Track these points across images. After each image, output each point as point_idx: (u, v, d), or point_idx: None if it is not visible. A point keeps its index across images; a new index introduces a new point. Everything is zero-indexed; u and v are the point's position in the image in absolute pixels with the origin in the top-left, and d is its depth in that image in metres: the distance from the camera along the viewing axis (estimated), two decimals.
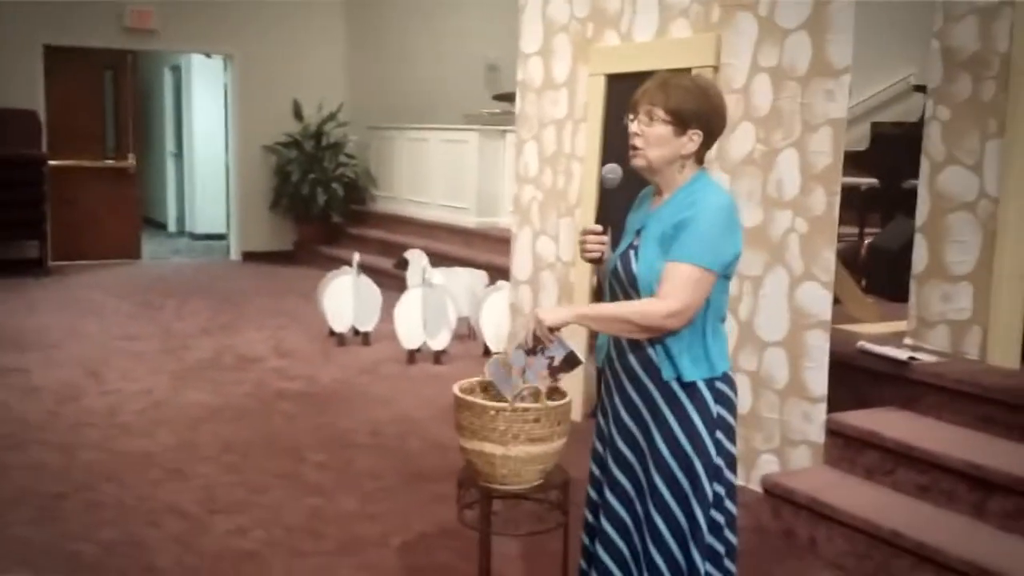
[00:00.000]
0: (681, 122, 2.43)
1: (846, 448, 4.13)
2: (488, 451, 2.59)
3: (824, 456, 4.20)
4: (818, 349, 4.22)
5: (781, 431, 4.39)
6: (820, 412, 4.22)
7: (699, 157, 2.50)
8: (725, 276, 2.47)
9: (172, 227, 13.60)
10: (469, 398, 2.65)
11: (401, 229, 10.27)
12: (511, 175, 7.22)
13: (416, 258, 7.54)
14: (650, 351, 2.44)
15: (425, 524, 3.98)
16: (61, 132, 10.28)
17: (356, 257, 7.21)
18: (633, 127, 2.48)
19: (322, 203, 10.83)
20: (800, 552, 3.91)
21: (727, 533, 2.54)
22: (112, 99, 10.88)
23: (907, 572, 3.50)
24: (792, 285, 4.32)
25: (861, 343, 4.55)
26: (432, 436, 5.20)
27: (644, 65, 5.03)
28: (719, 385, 2.48)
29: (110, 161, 10.80)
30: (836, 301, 5.37)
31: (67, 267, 10.18)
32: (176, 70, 13.26)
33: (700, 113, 2.43)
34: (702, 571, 2.47)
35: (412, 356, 6.75)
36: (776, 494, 4.05)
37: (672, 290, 2.36)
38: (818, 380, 4.22)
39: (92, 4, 10.17)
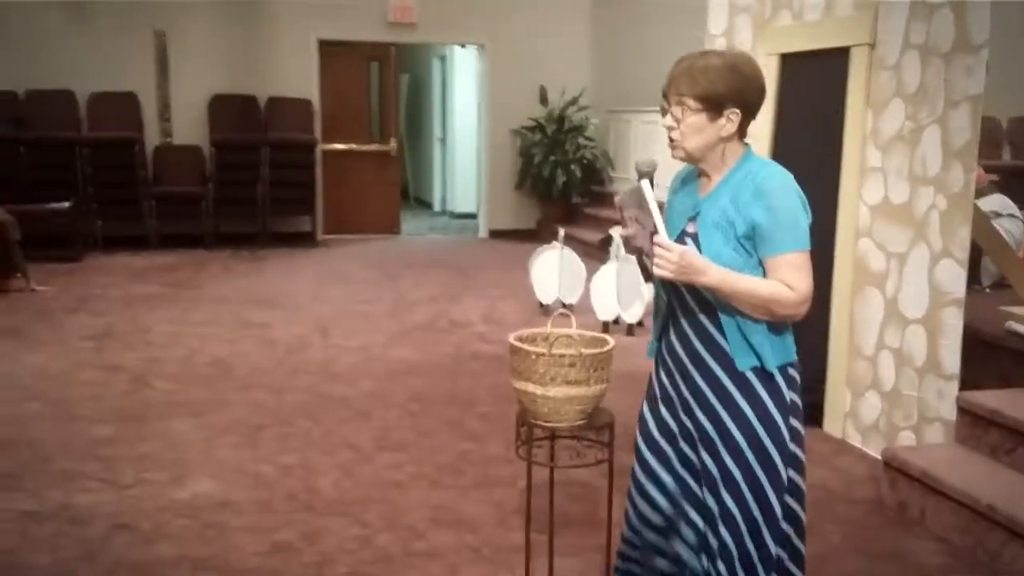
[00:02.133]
0: (715, 106, 2.36)
1: (974, 426, 4.10)
2: (530, 391, 2.95)
3: (955, 434, 4.20)
4: (952, 327, 4.22)
5: (919, 408, 4.41)
6: (952, 390, 4.22)
7: (742, 134, 2.44)
8: None
9: (437, 207, 14.64)
10: (516, 343, 3.00)
11: None
12: None
13: (618, 235, 7.87)
14: (722, 342, 2.44)
15: (557, 473, 4.37)
16: (332, 119, 11.44)
17: (561, 232, 7.66)
18: (667, 120, 2.44)
19: (561, 184, 11.36)
20: (909, 524, 3.96)
21: (800, 514, 2.55)
22: (377, 88, 11.92)
23: (999, 547, 3.50)
24: (932, 262, 4.33)
25: (1009, 323, 4.45)
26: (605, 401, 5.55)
27: (812, 44, 5.16)
28: (791, 371, 2.48)
29: (375, 145, 11.86)
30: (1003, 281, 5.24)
31: (333, 240, 11.34)
32: (443, 60, 14.23)
33: (733, 91, 2.36)
34: (774, 556, 2.48)
35: (606, 327, 7.11)
36: (893, 467, 4.10)
37: (796, 280, 2.35)
38: (952, 358, 4.22)
39: (360, 2, 11.21)
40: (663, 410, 2.66)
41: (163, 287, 8.51)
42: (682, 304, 2.52)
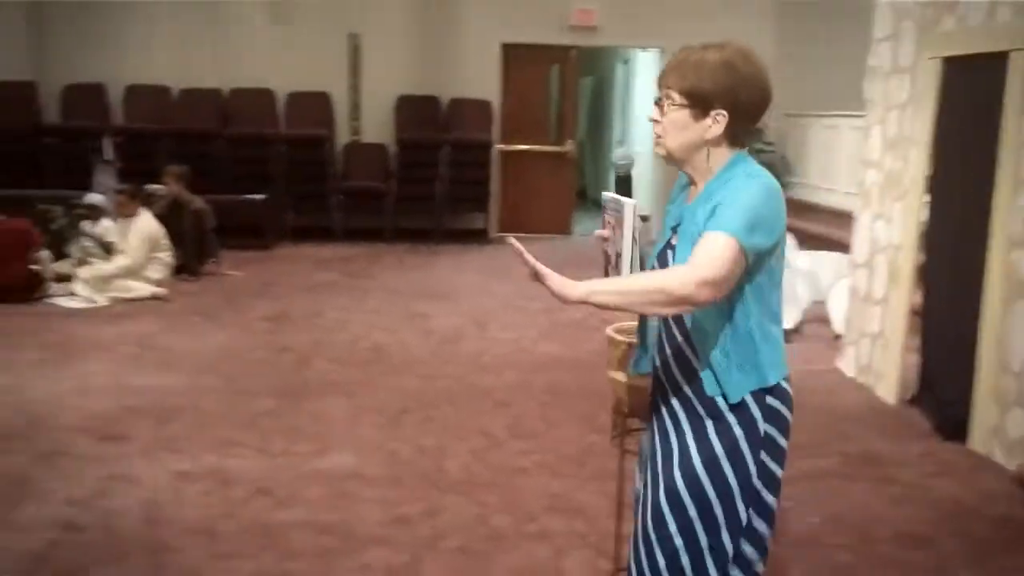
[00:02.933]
0: (701, 103, 2.15)
1: None
2: (619, 379, 3.06)
3: None
4: None
5: None
6: None
7: (733, 140, 2.18)
8: (770, 271, 2.16)
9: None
10: (610, 333, 3.11)
11: (809, 216, 10.36)
12: None
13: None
14: (694, 363, 2.22)
15: None
16: (512, 120, 11.75)
17: None
18: (653, 113, 2.25)
19: None
20: None
21: (755, 561, 2.26)
22: (557, 90, 12.15)
23: None
24: None
25: None
26: None
27: (972, 48, 5.01)
28: (770, 400, 2.20)
29: (552, 146, 12.09)
30: None
31: (506, 238, 11.63)
32: (626, 63, 14.32)
33: (723, 90, 2.13)
34: None
35: None
36: None
37: (706, 259, 2.04)
38: None
39: (543, 6, 11.46)
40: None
41: (341, 276, 9.00)
42: (666, 324, 2.30)
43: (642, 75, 13.56)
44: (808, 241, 8.86)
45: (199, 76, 11.21)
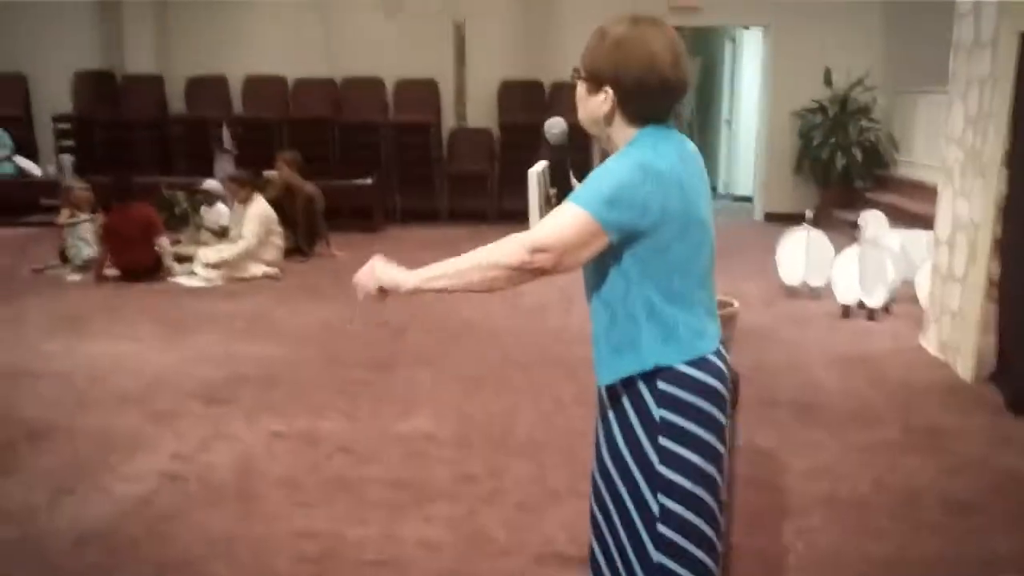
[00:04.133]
0: (593, 80, 2.15)
1: None
2: None
3: None
4: None
5: None
6: None
7: (632, 118, 2.14)
8: (664, 249, 2.09)
9: (721, 189, 14.76)
10: None
11: (916, 195, 10.23)
12: None
13: (871, 218, 7.78)
14: (593, 350, 2.23)
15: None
16: None
17: (808, 213, 7.70)
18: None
19: (841, 168, 11.19)
20: None
21: (686, 545, 2.18)
22: None
23: None
24: None
25: None
26: (806, 377, 5.71)
27: None
28: (662, 385, 2.14)
29: None
30: None
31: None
32: (733, 42, 14.30)
33: (610, 67, 2.11)
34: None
35: (846, 311, 7.12)
36: None
37: (547, 226, 2.07)
38: None
39: None
40: None
41: (442, 255, 9.30)
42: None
43: (748, 54, 13.54)
44: (911, 220, 8.81)
45: (313, 66, 11.76)
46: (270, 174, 9.53)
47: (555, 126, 9.14)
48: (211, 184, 9.28)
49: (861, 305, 7.13)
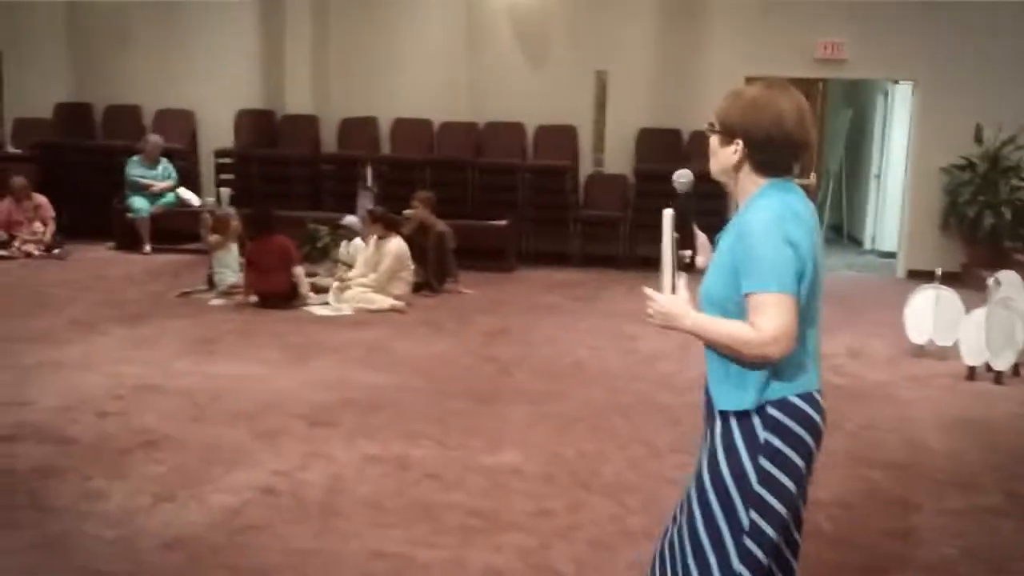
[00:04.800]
0: (727, 132, 2.47)
1: None
2: None
3: None
4: None
5: None
6: None
7: (760, 169, 2.46)
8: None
9: (867, 244, 14.37)
10: None
11: None
12: None
13: (1005, 279, 7.47)
14: (709, 375, 2.51)
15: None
16: None
17: (938, 271, 7.47)
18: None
19: (989, 226, 10.78)
20: None
21: (763, 561, 2.43)
22: None
23: None
24: None
25: None
26: (912, 437, 5.55)
27: None
28: (771, 411, 2.39)
29: (796, 179, 12.03)
30: None
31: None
32: (886, 96, 13.98)
33: (741, 122, 2.44)
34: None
35: (971, 372, 6.86)
36: None
37: (760, 319, 2.32)
38: None
39: (788, 39, 11.52)
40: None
41: (566, 299, 9.50)
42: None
43: (899, 107, 13.22)
44: None
45: (458, 111, 12.14)
46: (409, 212, 9.88)
47: (683, 176, 9.10)
48: (350, 220, 9.71)
49: (989, 368, 6.86)
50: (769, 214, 2.38)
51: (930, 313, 7.41)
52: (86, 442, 5.00)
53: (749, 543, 2.40)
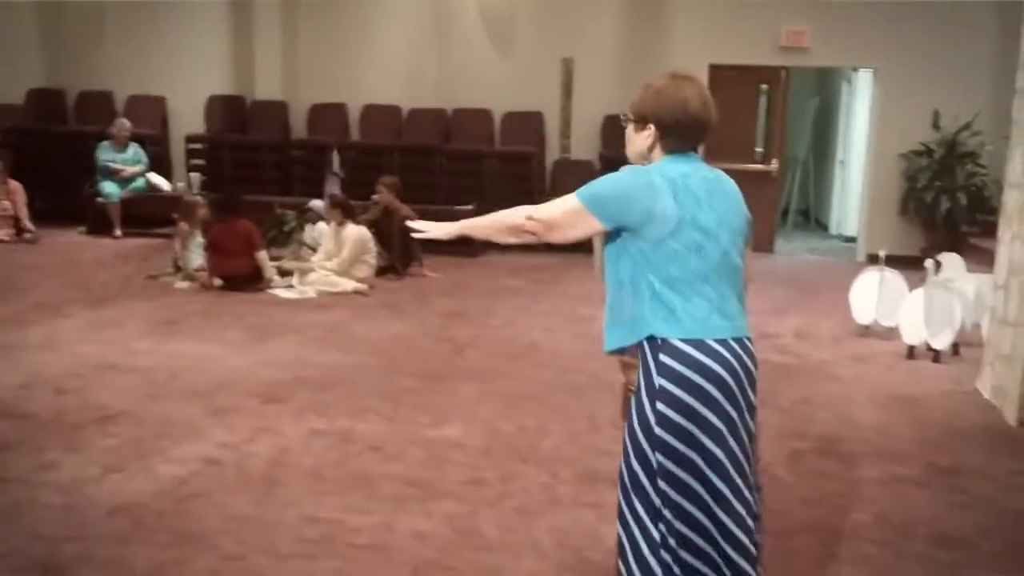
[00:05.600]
0: (639, 120, 2.79)
1: None
2: (627, 361, 3.51)
3: None
4: None
5: None
6: None
7: (668, 149, 2.75)
8: (659, 244, 2.61)
9: (833, 230, 14.60)
10: None
11: None
12: None
13: (948, 261, 7.69)
14: (604, 322, 2.79)
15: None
16: (717, 138, 11.99)
17: (882, 253, 7.67)
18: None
19: (944, 211, 11.01)
20: None
21: (680, 501, 2.61)
22: (765, 111, 12.32)
23: None
24: None
25: None
26: (845, 413, 5.76)
27: None
28: (662, 356, 2.61)
29: (756, 165, 12.26)
30: None
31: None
32: (850, 84, 14.19)
33: (653, 109, 2.74)
34: (648, 535, 2.65)
35: (912, 351, 7.08)
36: None
37: (547, 206, 2.78)
38: None
39: (752, 27, 11.71)
40: None
41: (528, 283, 9.68)
42: None
43: (861, 95, 13.43)
44: None
45: (427, 98, 12.30)
46: (375, 197, 10.03)
47: None
48: (315, 204, 9.87)
49: (929, 347, 7.08)
50: (638, 169, 2.76)
51: (874, 294, 7.62)
52: (43, 417, 5.17)
53: (664, 486, 2.61)
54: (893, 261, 9.62)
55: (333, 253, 9.01)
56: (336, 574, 3.60)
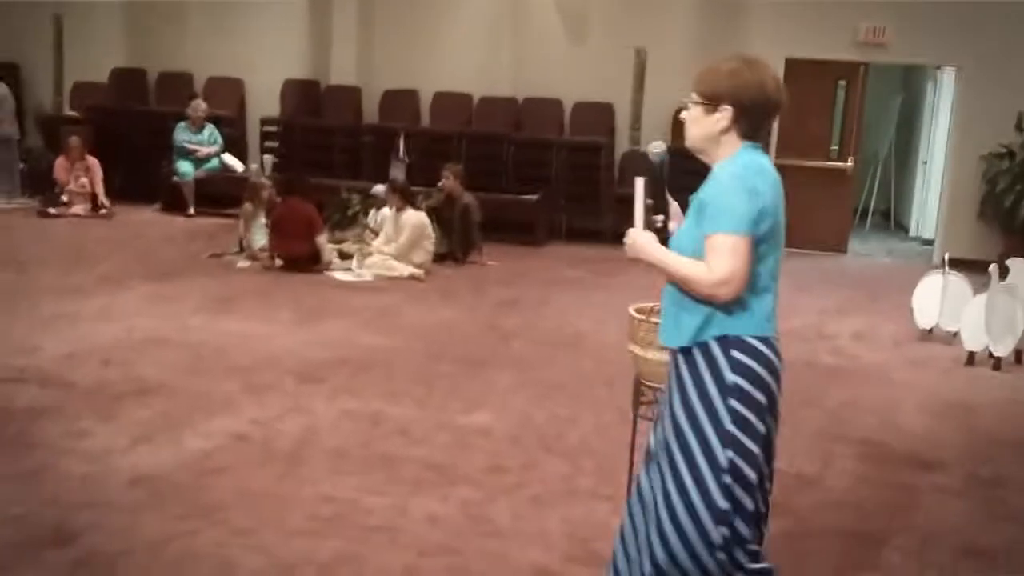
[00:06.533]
0: (711, 101, 2.68)
1: None
2: (633, 351, 3.46)
3: None
4: None
5: None
6: None
7: (742, 132, 2.67)
8: (759, 241, 2.57)
9: (912, 231, 14.19)
10: (630, 312, 3.50)
11: None
12: None
13: (1015, 266, 7.40)
14: (666, 317, 2.75)
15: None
16: (790, 134, 11.77)
17: (945, 256, 7.42)
18: (683, 113, 2.82)
19: (1023, 216, 10.61)
20: None
21: (744, 500, 2.62)
22: (842, 107, 12.01)
23: None
24: None
25: None
26: (891, 418, 5.59)
27: None
28: (735, 353, 2.60)
29: (832, 163, 11.97)
30: None
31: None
32: (935, 82, 13.76)
33: (729, 90, 2.64)
34: (715, 536, 2.61)
35: (971, 357, 6.84)
36: None
37: (714, 261, 2.55)
38: None
39: (831, 22, 11.42)
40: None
41: (587, 274, 9.61)
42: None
43: (946, 94, 13.01)
44: None
45: (499, 87, 12.29)
46: (440, 184, 10.06)
47: (657, 147, 9.19)
48: (378, 189, 9.94)
49: (991, 354, 6.83)
50: (737, 167, 2.63)
51: (937, 298, 7.38)
52: (83, 387, 5.30)
53: (728, 480, 2.60)
54: (968, 265, 9.32)
55: (392, 238, 9.06)
56: (339, 553, 3.61)
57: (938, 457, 5.01)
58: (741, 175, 2.60)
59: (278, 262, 8.85)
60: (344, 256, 9.17)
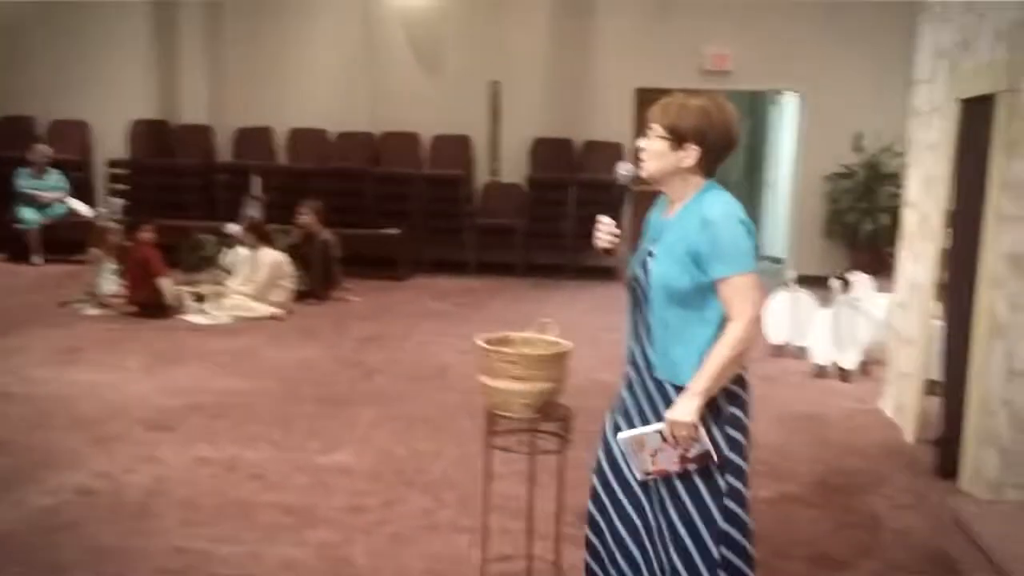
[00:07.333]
0: (677, 138, 2.70)
1: None
2: (484, 382, 3.45)
3: None
4: None
5: None
6: None
7: (705, 170, 2.74)
8: None
9: (764, 251, 14.67)
10: (479, 342, 3.50)
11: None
12: None
13: (857, 281, 7.74)
14: (663, 356, 2.76)
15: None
16: None
17: (792, 273, 7.70)
18: (640, 142, 2.82)
19: (868, 232, 11.11)
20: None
21: (743, 517, 2.80)
22: None
23: None
24: None
25: None
26: None
27: (972, 90, 5.05)
28: (729, 386, 2.73)
29: None
30: None
31: None
32: (776, 106, 14.33)
33: (695, 129, 2.68)
34: (716, 554, 2.76)
35: (821, 371, 7.09)
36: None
37: (741, 304, 2.65)
38: None
39: (677, 51, 11.78)
40: (620, 422, 3.00)
41: (453, 306, 9.60)
42: (644, 317, 2.82)
43: (789, 117, 13.56)
44: None
45: (355, 122, 12.22)
46: (300, 221, 9.91)
47: (625, 168, 9.39)
48: (232, 228, 9.73)
49: (838, 366, 7.09)
50: (726, 206, 2.69)
51: (787, 314, 7.64)
52: None
53: (730, 504, 2.76)
54: (817, 281, 9.68)
55: (250, 277, 8.88)
56: None
57: (791, 468, 5.17)
58: (733, 214, 2.67)
59: (131, 308, 8.55)
60: (199, 298, 8.93)
